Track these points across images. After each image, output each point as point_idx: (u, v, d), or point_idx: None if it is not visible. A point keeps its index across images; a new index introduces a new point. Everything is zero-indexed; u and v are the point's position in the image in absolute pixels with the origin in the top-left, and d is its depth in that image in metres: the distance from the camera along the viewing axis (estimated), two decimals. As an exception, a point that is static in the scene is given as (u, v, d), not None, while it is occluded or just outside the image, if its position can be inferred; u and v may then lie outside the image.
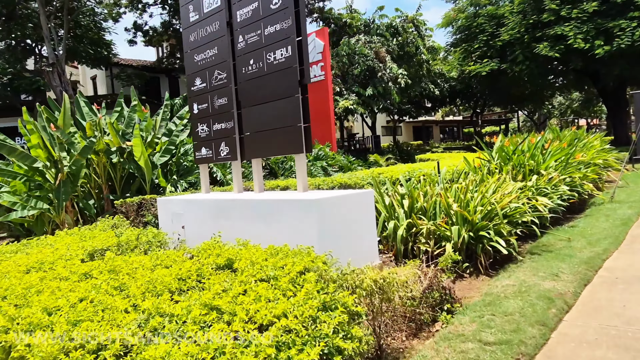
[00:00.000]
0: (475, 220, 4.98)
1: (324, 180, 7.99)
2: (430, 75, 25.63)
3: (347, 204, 4.70)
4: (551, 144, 8.17)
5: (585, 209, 8.41)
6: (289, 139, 5.11)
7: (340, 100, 19.23)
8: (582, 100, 44.20)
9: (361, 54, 19.89)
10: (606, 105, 25.40)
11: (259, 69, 5.40)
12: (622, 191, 9.86)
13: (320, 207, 4.36)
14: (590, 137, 11.75)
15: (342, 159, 12.09)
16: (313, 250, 3.84)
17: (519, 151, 7.53)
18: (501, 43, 21.10)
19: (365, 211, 4.87)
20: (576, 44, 18.59)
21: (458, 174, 7.02)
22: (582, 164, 8.93)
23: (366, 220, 4.88)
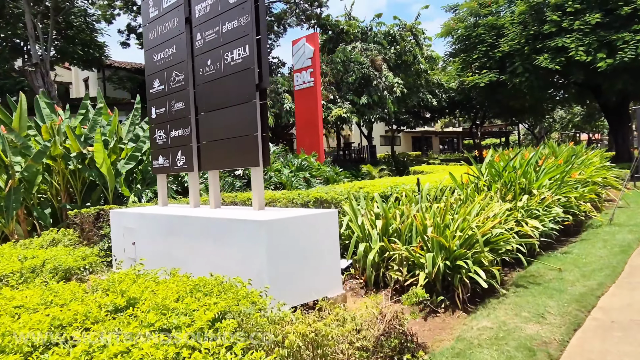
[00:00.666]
0: (453, 247, 4.38)
1: (299, 194, 7.39)
2: (429, 85, 25.11)
3: (305, 225, 4.10)
4: (546, 161, 7.57)
5: (581, 232, 7.79)
6: (245, 150, 4.53)
7: (334, 108, 18.70)
8: (583, 115, 43.69)
9: (356, 61, 19.37)
10: (608, 120, 24.83)
11: (216, 71, 4.84)
12: (622, 212, 9.24)
13: (270, 229, 3.76)
14: (589, 153, 11.15)
15: (328, 170, 11.49)
16: (250, 283, 3.25)
17: (510, 168, 6.94)
18: (501, 54, 20.58)
19: (327, 234, 4.27)
20: (578, 57, 18.05)
21: (442, 192, 6.43)
22: (579, 182, 8.33)
23: (328, 244, 4.29)
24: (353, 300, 4.77)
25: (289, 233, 3.92)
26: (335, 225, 4.37)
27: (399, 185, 7.58)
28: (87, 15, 22.77)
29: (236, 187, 8.98)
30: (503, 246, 4.65)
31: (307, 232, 4.10)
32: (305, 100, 13.54)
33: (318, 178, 11.01)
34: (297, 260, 3.97)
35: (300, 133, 13.84)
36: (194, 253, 4.58)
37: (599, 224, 7.94)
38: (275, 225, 3.81)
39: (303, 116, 13.70)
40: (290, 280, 3.91)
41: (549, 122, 44.65)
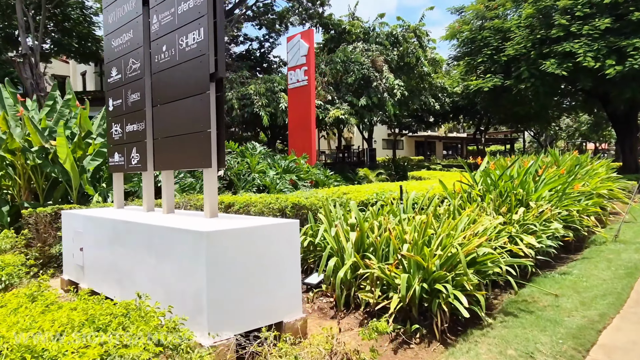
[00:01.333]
0: (432, 268, 3.78)
1: (277, 198, 6.81)
2: (432, 89, 24.50)
3: (259, 237, 3.52)
4: (546, 170, 6.95)
5: (584, 249, 7.17)
6: (197, 148, 3.95)
7: (332, 109, 18.12)
8: (590, 124, 42.91)
9: (357, 61, 18.80)
10: (615, 129, 24.08)
11: (171, 58, 4.27)
12: (629, 228, 8.61)
13: (211, 241, 3.18)
14: (594, 163, 10.51)
15: (318, 173, 10.90)
16: (170, 311, 2.67)
17: (506, 177, 6.33)
18: (506, 58, 19.89)
19: (286, 248, 3.69)
20: (585, 63, 17.36)
21: (430, 201, 5.83)
22: (582, 195, 7.70)
23: (287, 259, 3.70)
24: (318, 323, 4.19)
25: (237, 246, 3.34)
26: (296, 237, 3.79)
27: (386, 192, 6.99)
28: (84, 8, 22.30)
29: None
30: (490, 268, 4.04)
31: (260, 246, 3.52)
32: (299, 100, 12.97)
33: (306, 181, 10.42)
34: (247, 278, 3.39)
35: (293, 134, 13.27)
36: (138, 265, 4.01)
37: (603, 240, 7.31)
38: (218, 237, 3.23)
39: (296, 116, 13.14)
40: (237, 303, 3.33)
41: (555, 130, 43.85)
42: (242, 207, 6.66)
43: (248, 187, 8.85)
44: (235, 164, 9.34)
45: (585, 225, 7.16)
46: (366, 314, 4.26)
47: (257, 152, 10.24)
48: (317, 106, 17.94)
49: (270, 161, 10.28)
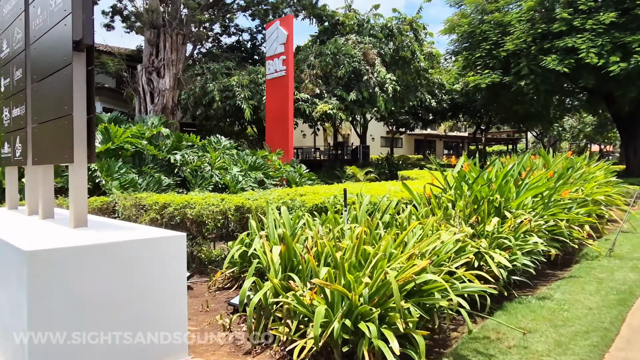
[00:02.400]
0: (357, 301, 2.89)
1: (222, 199, 5.95)
2: (429, 85, 23.54)
3: (121, 257, 2.64)
4: (530, 173, 6.02)
5: (573, 264, 6.26)
6: (59, 137, 3.07)
7: (320, 103, 17.22)
8: (595, 125, 41.80)
9: (347, 54, 17.87)
10: (619, 131, 23.01)
11: (43, 23, 3.38)
12: (627, 239, 7.68)
13: (35, 264, 2.31)
14: (591, 166, 9.57)
15: (291, 171, 10.02)
16: None
17: (483, 180, 5.42)
18: (505, 53, 18.89)
19: (165, 270, 2.81)
20: (588, 59, 16.35)
21: (384, 207, 4.93)
22: (574, 202, 6.78)
23: (166, 285, 2.82)
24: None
25: (84, 270, 2.46)
26: (180, 256, 2.90)
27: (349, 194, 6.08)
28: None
29: (164, 185, 7.53)
30: (434, 301, 3.13)
31: (124, 268, 2.64)
32: (276, 91, 12.08)
33: (276, 179, 9.55)
34: (100, 313, 2.51)
35: (270, 128, 12.39)
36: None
37: (596, 254, 6.40)
38: (48, 257, 2.36)
39: (273, 109, 12.26)
40: (82, 349, 2.45)
41: (558, 131, 42.74)
42: (179, 209, 5.80)
43: (204, 185, 7.98)
44: (194, 159, 8.46)
45: (576, 237, 6.26)
46: (284, 351, 3.38)
47: (221, 146, 9.36)
48: (304, 100, 17.07)
49: (236, 157, 9.40)
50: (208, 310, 4.47)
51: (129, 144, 7.51)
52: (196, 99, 16.65)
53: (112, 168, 6.89)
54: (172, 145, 8.24)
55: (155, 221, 5.79)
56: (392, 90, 17.61)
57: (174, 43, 9.20)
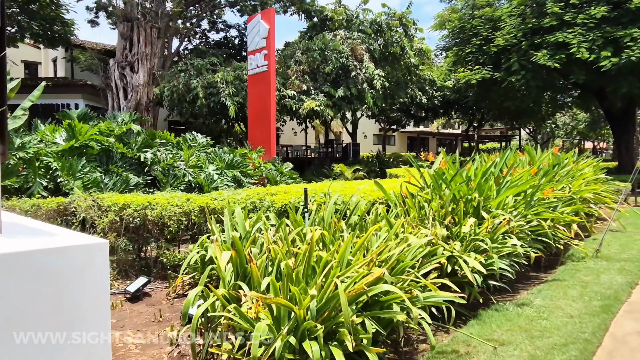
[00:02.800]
0: (302, 316, 2.56)
1: (187, 200, 5.62)
2: (419, 82, 23.21)
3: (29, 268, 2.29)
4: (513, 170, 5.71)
5: (558, 265, 5.97)
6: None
7: (307, 100, 16.86)
8: (588, 122, 41.67)
9: (335, 49, 17.51)
10: (612, 127, 22.75)
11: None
12: (616, 238, 7.40)
13: None
14: (580, 162, 9.29)
15: (271, 169, 9.68)
16: None
17: (461, 178, 5.10)
18: (496, 49, 18.60)
19: (83, 281, 2.47)
20: (579, 54, 16.08)
21: (353, 208, 4.61)
22: (560, 200, 6.49)
23: (86, 298, 2.48)
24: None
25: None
26: (103, 266, 2.55)
27: (318, 193, 5.77)
28: (51, -11, 20.97)
29: (131, 184, 7.17)
30: (392, 314, 2.80)
31: (34, 281, 2.29)
32: (258, 87, 11.73)
33: (254, 178, 9.21)
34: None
35: (252, 125, 12.04)
36: None
37: (582, 255, 6.10)
38: None
39: (255, 105, 11.90)
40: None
41: (551, 128, 42.55)
42: (139, 210, 5.45)
43: (176, 185, 7.63)
44: (166, 157, 8.11)
45: (561, 237, 5.96)
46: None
47: (197, 143, 9.01)
48: (290, 97, 16.70)
49: (213, 155, 9.05)
50: (161, 320, 4.15)
51: (94, 142, 7.16)
52: (179, 96, 16.26)
53: (75, 167, 6.52)
54: (143, 142, 7.87)
55: (114, 223, 5.44)
56: (380, 87, 17.26)
57: (148, 36, 8.81)
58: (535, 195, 5.39)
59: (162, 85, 16.37)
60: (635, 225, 8.71)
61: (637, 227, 8.48)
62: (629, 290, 4.71)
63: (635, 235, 7.73)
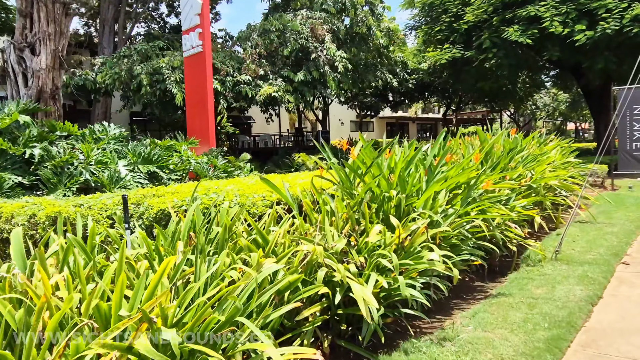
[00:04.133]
0: None
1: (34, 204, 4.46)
2: (390, 64, 22.05)
3: None
4: (444, 157, 4.61)
5: (510, 271, 4.93)
6: None
7: (264, 85, 15.65)
8: (569, 102, 40.94)
9: (294, 30, 16.26)
10: (590, 106, 21.84)
11: None
12: (584, 232, 6.39)
13: None
14: (547, 144, 8.26)
15: (202, 162, 8.49)
16: None
17: (377, 169, 4.00)
18: (466, 26, 17.50)
19: None
20: (552, 28, 15.07)
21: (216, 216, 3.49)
22: (515, 191, 5.43)
23: None
24: None
25: None
26: None
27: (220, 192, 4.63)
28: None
29: (5, 187, 5.96)
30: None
31: None
32: (194, 71, 10.49)
33: (177, 173, 8.04)
34: None
35: (191, 113, 10.81)
36: None
37: (539, 258, 5.06)
38: None
39: (192, 92, 10.67)
40: None
41: (532, 110, 41.74)
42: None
43: (70, 185, 6.43)
44: (64, 153, 6.90)
45: (513, 237, 4.91)
46: None
47: (107, 135, 7.79)
48: (246, 82, 15.49)
49: (128, 149, 7.84)
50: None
51: (-39, 137, 5.96)
52: (122, 84, 14.95)
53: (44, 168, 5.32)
54: (32, 136, 6.65)
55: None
56: (342, 69, 16.06)
57: (50, 13, 7.54)
58: (476, 187, 4.31)
59: (104, 73, 15.04)
60: (607, 214, 7.72)
61: (609, 217, 7.50)
62: (588, 308, 3.67)
63: (606, 227, 6.72)
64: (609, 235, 6.21)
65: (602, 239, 5.96)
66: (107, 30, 18.84)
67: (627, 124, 12.07)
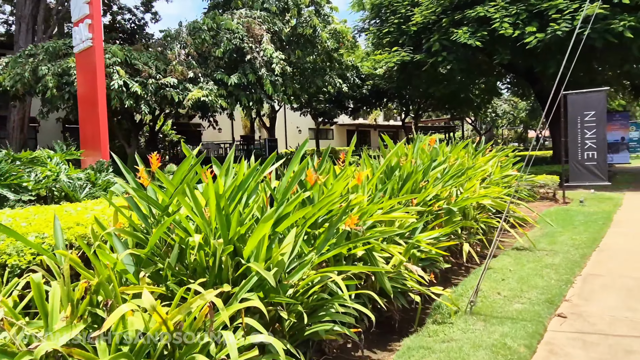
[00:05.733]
0: None
1: None
2: (342, 68, 20.86)
3: None
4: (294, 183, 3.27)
5: (410, 330, 3.63)
6: None
7: (193, 89, 14.15)
8: (529, 109, 40.86)
9: (227, 29, 14.84)
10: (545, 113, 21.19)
11: None
12: (519, 265, 5.16)
13: None
14: (485, 154, 7.09)
15: (73, 180, 6.95)
16: None
17: (185, 200, 2.62)
18: (415, 28, 16.47)
19: None
20: (502, 30, 14.15)
21: None
22: (423, 219, 4.15)
23: None
24: None
25: None
26: None
27: None
28: None
29: None
30: None
31: None
32: (85, 69, 8.95)
33: (31, 193, 6.46)
34: None
35: (83, 119, 9.24)
36: None
37: (447, 313, 3.78)
38: None
39: (84, 94, 9.11)
40: None
41: (492, 117, 41.42)
42: None
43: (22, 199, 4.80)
44: None
45: (412, 284, 3.62)
46: None
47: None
48: (172, 85, 13.95)
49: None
50: None
51: None
52: (26, 87, 13.19)
53: None
54: None
55: None
56: (279, 71, 14.71)
57: None
58: (341, 223, 2.99)
59: (7, 74, 13.26)
60: (551, 237, 6.57)
61: (553, 241, 6.34)
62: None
63: (547, 256, 5.54)
64: (547, 269, 5.01)
65: (538, 276, 4.75)
66: (23, 28, 16.98)
67: (578, 132, 11.16)
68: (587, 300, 4.14)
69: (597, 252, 5.78)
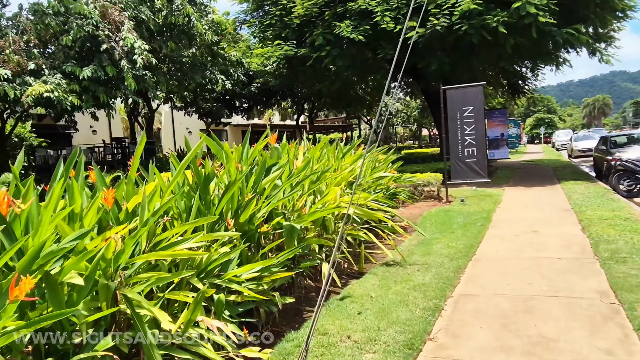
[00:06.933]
0: None
1: None
2: (225, 63, 19.32)
3: None
4: None
5: None
6: None
7: (34, 83, 11.84)
8: (420, 107, 42.19)
9: (78, 13, 12.67)
10: (431, 110, 21.44)
11: None
12: (385, 286, 4.18)
13: None
14: (350, 154, 6.13)
15: None
16: None
17: None
18: (298, 21, 15.51)
19: None
20: (384, 24, 13.68)
21: None
22: (232, 251, 2.97)
23: None
24: None
25: None
26: None
27: None
28: None
29: None
30: None
31: None
32: None
33: None
34: None
35: None
36: None
37: None
38: None
39: None
40: None
41: (386, 116, 42.18)
42: None
43: None
44: None
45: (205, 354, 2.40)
46: None
47: None
48: (6, 79, 11.54)
49: None
50: None
51: None
52: None
53: None
54: None
55: None
56: (143, 63, 12.88)
57: None
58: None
59: None
60: (426, 245, 5.79)
61: (427, 250, 5.54)
62: None
63: (418, 273, 4.66)
64: (415, 292, 4.10)
65: (403, 304, 3.80)
66: None
67: (458, 128, 10.83)
68: (456, 337, 3.24)
69: (472, 263, 5.04)
